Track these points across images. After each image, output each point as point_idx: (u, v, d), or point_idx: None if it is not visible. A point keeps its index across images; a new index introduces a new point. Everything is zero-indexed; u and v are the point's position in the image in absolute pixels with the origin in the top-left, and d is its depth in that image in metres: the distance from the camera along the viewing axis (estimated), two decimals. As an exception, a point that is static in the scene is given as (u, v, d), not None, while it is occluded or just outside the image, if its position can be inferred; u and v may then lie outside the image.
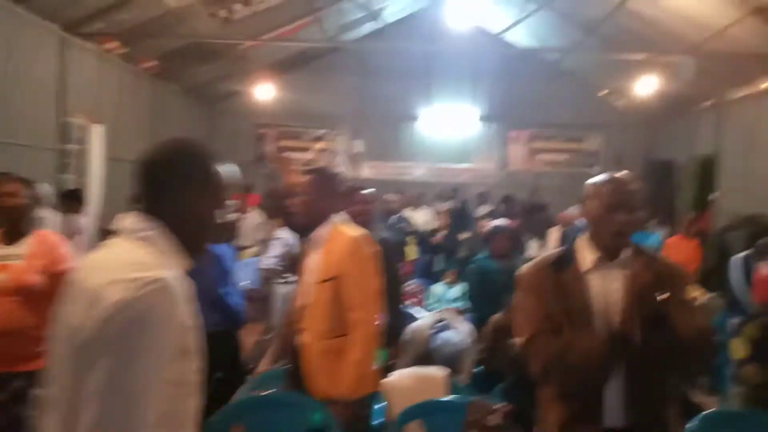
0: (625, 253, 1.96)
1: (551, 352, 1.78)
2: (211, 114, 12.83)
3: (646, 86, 10.04)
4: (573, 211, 10.55)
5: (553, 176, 13.21)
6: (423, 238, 8.75)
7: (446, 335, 3.88)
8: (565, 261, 1.95)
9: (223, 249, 3.54)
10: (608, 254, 1.93)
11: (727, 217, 7.98)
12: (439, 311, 4.43)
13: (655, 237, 7.57)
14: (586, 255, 1.94)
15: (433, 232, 9.48)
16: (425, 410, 2.65)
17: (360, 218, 3.26)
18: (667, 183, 11.83)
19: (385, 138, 13.43)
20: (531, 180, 13.22)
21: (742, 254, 5.21)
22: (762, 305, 4.80)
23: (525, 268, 2.02)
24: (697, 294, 6.68)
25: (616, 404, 1.77)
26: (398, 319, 3.84)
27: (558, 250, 2.07)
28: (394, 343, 3.87)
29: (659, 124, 12.52)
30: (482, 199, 11.23)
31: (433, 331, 3.98)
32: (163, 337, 1.14)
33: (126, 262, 1.20)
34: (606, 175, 1.98)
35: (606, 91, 12.68)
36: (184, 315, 1.20)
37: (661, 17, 8.70)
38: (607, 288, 1.89)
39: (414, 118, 13.58)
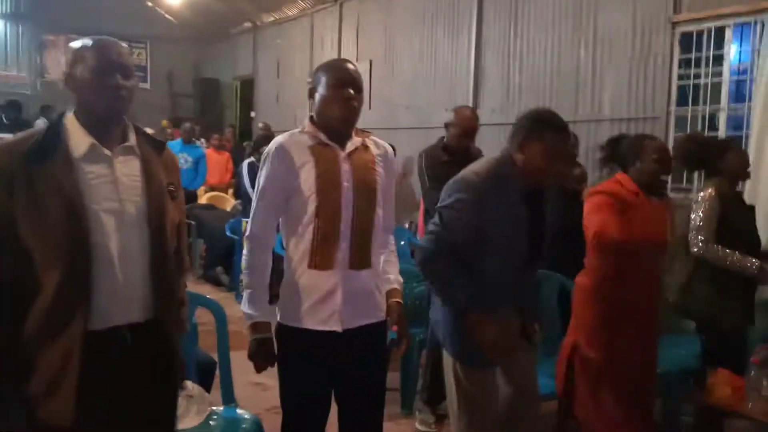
0: (131, 135, 1.62)
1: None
2: None
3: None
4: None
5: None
6: None
7: None
8: (47, 149, 1.47)
9: None
10: (104, 135, 1.55)
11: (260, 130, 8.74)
12: None
13: (199, 149, 7.76)
14: (78, 139, 1.51)
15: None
16: None
17: None
18: (215, 101, 12.35)
19: None
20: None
21: (247, 160, 5.84)
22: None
23: None
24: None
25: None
26: None
27: (29, 133, 1.54)
28: None
29: (205, 43, 12.79)
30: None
31: None
32: None
33: None
34: (88, 39, 1.57)
35: (150, 3, 12.23)
36: None
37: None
38: (119, 179, 1.55)
39: None
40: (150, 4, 12.27)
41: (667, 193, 2.67)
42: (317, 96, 1.88)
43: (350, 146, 1.87)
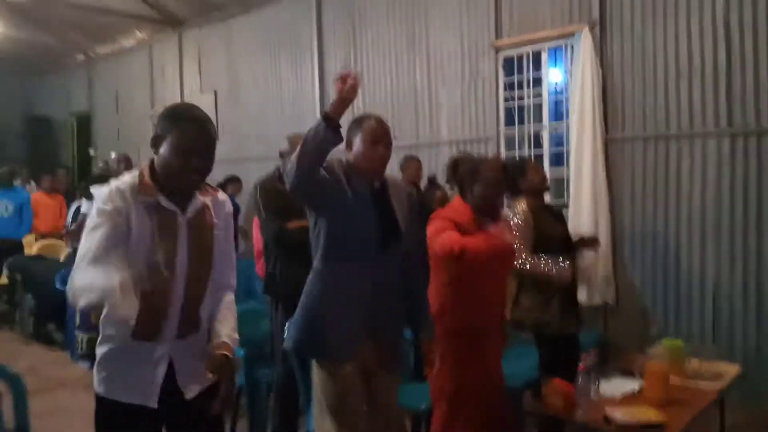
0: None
1: None
2: None
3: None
4: None
5: None
6: None
7: None
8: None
9: None
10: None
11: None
12: None
13: (22, 194, 7.01)
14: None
15: None
16: None
17: None
18: (48, 139, 11.37)
19: None
20: None
21: (76, 204, 5.39)
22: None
23: None
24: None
25: None
26: None
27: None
28: None
29: (35, 78, 11.76)
30: None
31: None
32: None
33: None
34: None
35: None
36: None
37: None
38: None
39: None
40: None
41: (503, 216, 2.71)
42: (163, 150, 1.65)
43: (191, 210, 1.72)
